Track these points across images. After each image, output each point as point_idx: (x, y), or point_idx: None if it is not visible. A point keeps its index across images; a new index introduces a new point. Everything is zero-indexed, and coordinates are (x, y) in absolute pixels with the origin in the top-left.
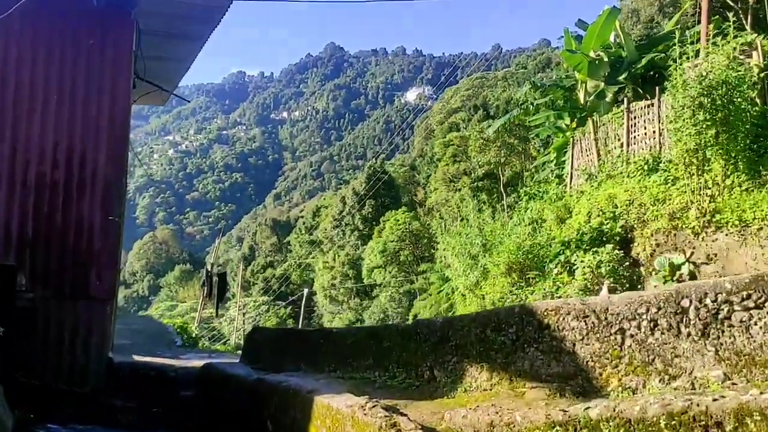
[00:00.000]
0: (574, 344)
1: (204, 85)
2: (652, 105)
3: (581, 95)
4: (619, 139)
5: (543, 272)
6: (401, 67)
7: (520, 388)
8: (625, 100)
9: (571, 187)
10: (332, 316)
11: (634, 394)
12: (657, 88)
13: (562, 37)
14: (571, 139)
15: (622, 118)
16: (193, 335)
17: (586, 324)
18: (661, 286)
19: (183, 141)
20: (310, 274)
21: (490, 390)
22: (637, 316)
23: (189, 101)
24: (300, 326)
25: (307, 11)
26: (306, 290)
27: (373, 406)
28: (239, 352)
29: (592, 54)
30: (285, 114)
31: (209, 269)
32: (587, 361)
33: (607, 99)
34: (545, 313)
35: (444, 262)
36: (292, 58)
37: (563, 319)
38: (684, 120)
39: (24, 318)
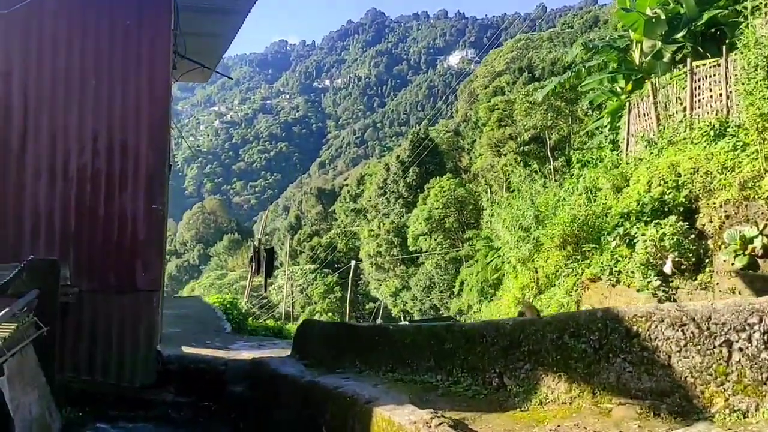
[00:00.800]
0: (670, 356)
1: (247, 56)
2: (719, 65)
3: (636, 56)
4: (681, 103)
5: (600, 245)
6: (443, 31)
7: (605, 404)
8: (688, 60)
9: (627, 154)
10: (378, 284)
11: (744, 417)
12: (723, 46)
13: None
14: (627, 104)
15: (685, 80)
16: (243, 310)
17: (683, 334)
18: (731, 261)
19: (228, 112)
20: (356, 242)
21: (570, 404)
22: (747, 327)
23: (231, 77)
24: (348, 296)
25: None
26: (353, 262)
27: (440, 423)
28: (290, 330)
29: (648, 11)
30: (327, 82)
31: (257, 244)
32: (686, 377)
33: (665, 59)
34: (633, 320)
35: (492, 231)
36: (333, 25)
37: (656, 327)
38: (756, 82)
39: (69, 314)
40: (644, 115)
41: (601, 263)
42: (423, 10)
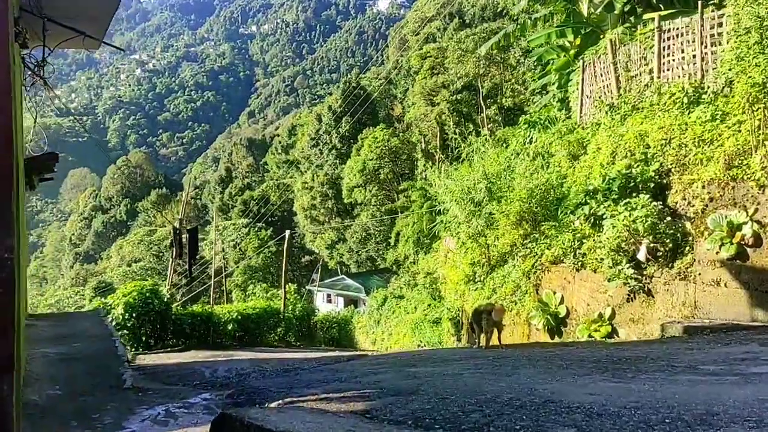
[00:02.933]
0: None
1: (167, 0)
2: (692, 23)
3: (585, 7)
4: (647, 64)
5: (559, 222)
6: None
7: None
8: (655, 17)
9: (581, 117)
10: (314, 236)
11: None
12: (699, 1)
13: None
14: (581, 62)
15: (651, 39)
16: (165, 299)
17: None
18: (716, 249)
19: (150, 60)
20: (290, 195)
21: None
22: None
23: (123, 50)
24: (284, 267)
25: None
26: (288, 232)
27: None
28: (218, 315)
29: None
30: (254, 28)
31: (176, 226)
32: None
33: (616, 11)
34: None
35: (427, 183)
36: None
37: None
38: (748, 46)
39: None
40: (601, 75)
41: (563, 244)
42: None
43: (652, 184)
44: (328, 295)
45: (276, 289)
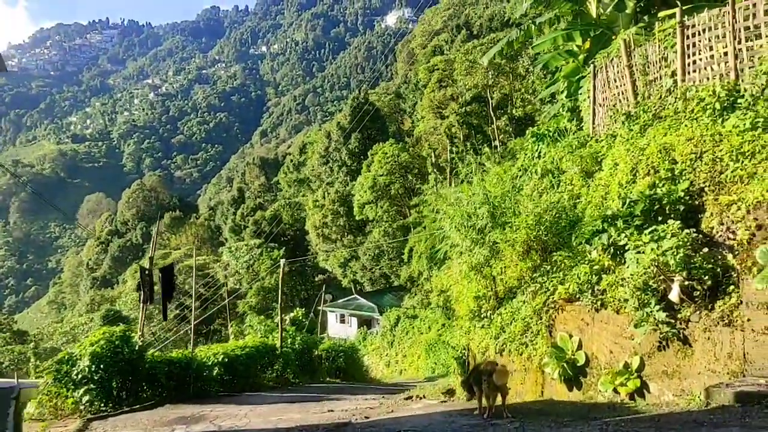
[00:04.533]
0: None
1: (178, 24)
2: (721, 15)
3: (593, 8)
4: (668, 66)
5: (573, 251)
6: None
7: None
8: (677, 11)
9: (594, 128)
10: (326, 255)
11: None
12: None
13: None
14: (592, 67)
15: (673, 36)
16: (136, 347)
17: None
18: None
19: (162, 83)
20: (301, 213)
21: None
22: None
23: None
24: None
25: None
26: (282, 261)
27: None
28: (201, 360)
29: None
30: (264, 48)
31: (145, 267)
32: None
33: (628, 10)
34: None
35: (440, 230)
36: None
37: None
38: None
39: None
40: (615, 80)
41: (578, 279)
42: None
43: (682, 207)
44: (342, 316)
45: (285, 314)
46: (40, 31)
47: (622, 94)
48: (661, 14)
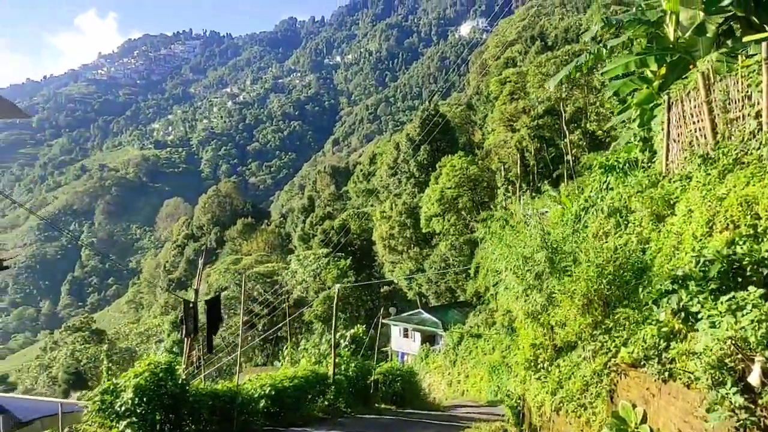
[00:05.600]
0: None
1: (257, 35)
2: None
3: (671, 31)
4: (752, 105)
5: (638, 306)
6: (453, 1)
7: None
8: (763, 45)
9: (668, 165)
10: (392, 266)
11: None
12: None
13: None
14: (666, 98)
15: (758, 73)
16: (180, 379)
17: None
18: None
19: (240, 92)
20: (369, 224)
21: None
22: None
23: (30, 115)
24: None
25: None
26: (337, 286)
27: None
28: (248, 392)
29: None
30: (338, 58)
31: (190, 301)
32: None
33: (709, 34)
34: None
35: (494, 269)
36: None
37: None
38: None
39: None
40: (691, 116)
41: (644, 342)
42: None
43: (766, 271)
44: (405, 330)
45: (347, 329)
46: (128, 41)
47: (700, 131)
48: (746, 38)
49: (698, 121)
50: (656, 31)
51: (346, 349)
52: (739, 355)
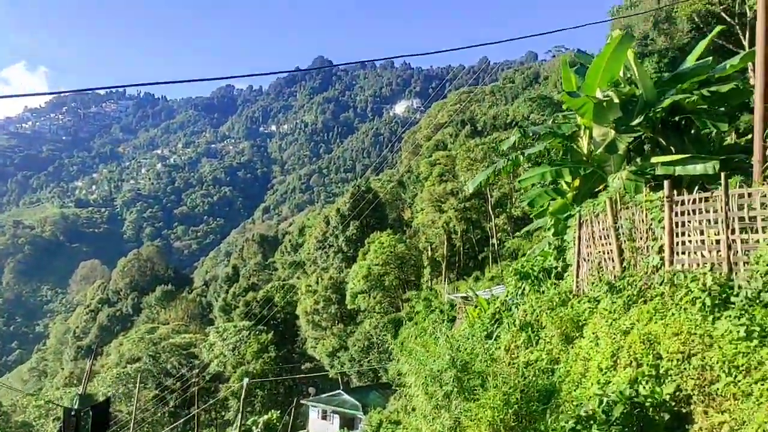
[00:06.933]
0: None
1: (193, 99)
2: (714, 198)
3: (585, 145)
4: (656, 238)
5: None
6: (389, 80)
7: None
8: (665, 183)
9: (578, 283)
10: (315, 342)
11: None
12: (722, 173)
13: (550, 51)
14: (578, 216)
15: (661, 209)
16: None
17: None
18: None
19: (171, 155)
20: (294, 297)
21: None
22: None
23: None
24: None
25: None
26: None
27: None
28: None
29: (598, 94)
30: (274, 127)
31: (72, 408)
32: None
33: (620, 151)
34: None
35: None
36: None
37: None
38: None
39: None
40: (600, 238)
41: None
42: (370, 59)
43: (668, 415)
44: (324, 412)
45: (260, 414)
46: (57, 97)
47: (607, 254)
48: (654, 159)
49: (606, 244)
50: (571, 144)
51: None
52: None
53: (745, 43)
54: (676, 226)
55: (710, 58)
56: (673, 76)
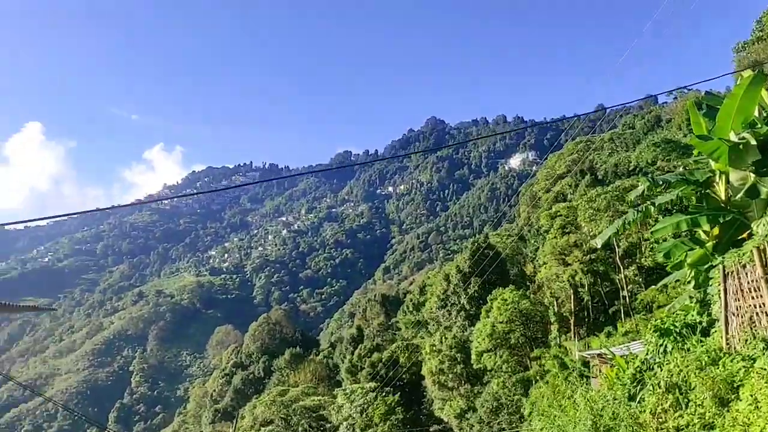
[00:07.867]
0: None
1: (313, 167)
2: None
3: (722, 191)
4: None
5: None
6: (503, 135)
7: None
8: None
9: (728, 339)
10: (442, 403)
11: None
12: None
13: (671, 92)
14: (721, 267)
15: None
16: None
17: None
18: None
19: (295, 221)
20: (418, 356)
21: None
22: None
23: (55, 309)
24: None
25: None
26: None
27: None
28: None
29: (732, 136)
30: (390, 188)
31: None
32: None
33: (762, 195)
34: None
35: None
36: (395, 134)
37: None
38: None
39: None
40: (749, 290)
41: None
42: (482, 116)
43: None
44: None
45: None
46: (192, 173)
47: (760, 307)
48: None
49: (757, 296)
50: (705, 191)
51: None
52: None
53: None
54: None
55: None
56: None
